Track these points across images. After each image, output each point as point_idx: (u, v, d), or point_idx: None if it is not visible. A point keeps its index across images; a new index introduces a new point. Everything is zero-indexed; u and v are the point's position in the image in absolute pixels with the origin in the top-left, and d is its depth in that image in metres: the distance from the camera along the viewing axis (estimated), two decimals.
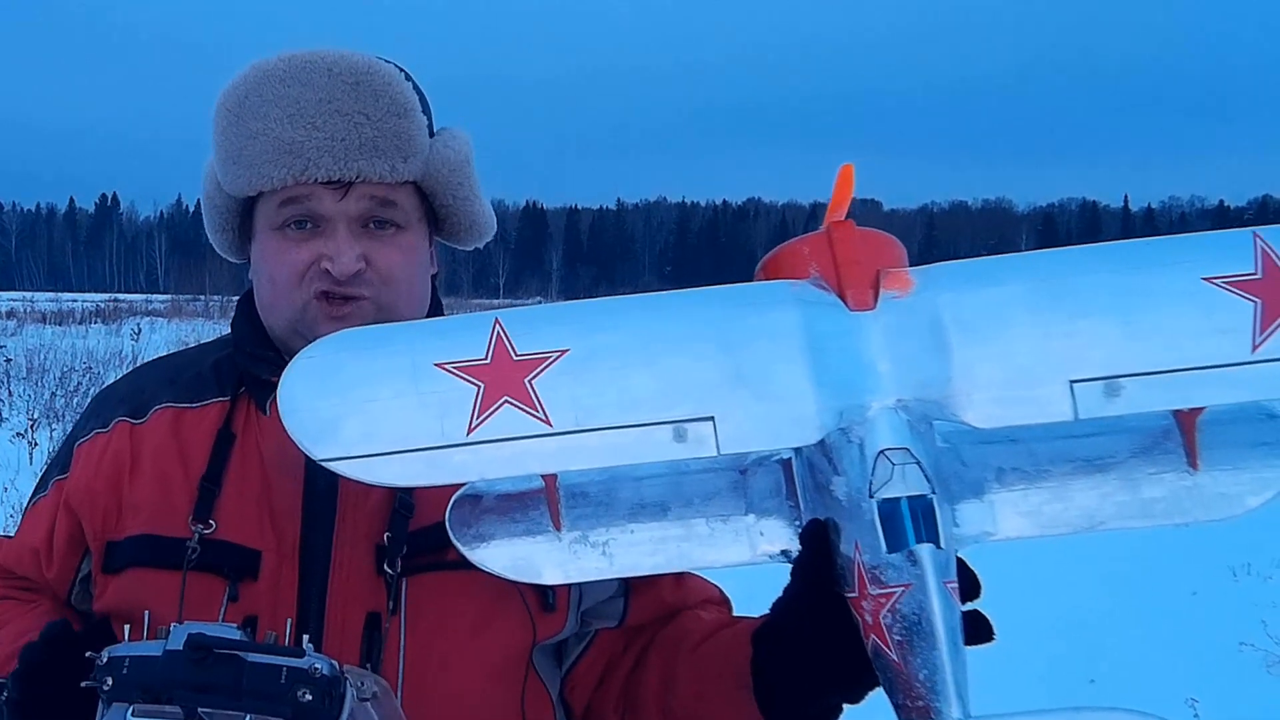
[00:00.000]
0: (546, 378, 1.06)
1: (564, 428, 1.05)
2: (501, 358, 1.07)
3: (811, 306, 1.08)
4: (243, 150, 1.28)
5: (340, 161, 1.26)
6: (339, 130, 1.26)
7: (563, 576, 1.10)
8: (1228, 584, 6.77)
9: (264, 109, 1.27)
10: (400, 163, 1.29)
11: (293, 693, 1.03)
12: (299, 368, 1.09)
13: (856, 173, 1.18)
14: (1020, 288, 1.07)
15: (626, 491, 1.11)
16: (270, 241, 1.32)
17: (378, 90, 1.29)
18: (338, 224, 1.29)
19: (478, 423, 1.05)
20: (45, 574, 1.39)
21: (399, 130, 1.29)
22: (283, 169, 1.26)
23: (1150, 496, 1.07)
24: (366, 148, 1.27)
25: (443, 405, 1.05)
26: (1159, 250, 1.09)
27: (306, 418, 1.06)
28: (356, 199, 1.28)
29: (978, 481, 1.07)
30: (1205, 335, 1.03)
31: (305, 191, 1.28)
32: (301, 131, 1.26)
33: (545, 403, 1.05)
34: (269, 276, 1.33)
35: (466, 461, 1.04)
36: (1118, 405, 1.03)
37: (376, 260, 1.30)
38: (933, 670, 0.93)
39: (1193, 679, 4.96)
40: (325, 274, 1.28)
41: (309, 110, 1.26)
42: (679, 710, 1.30)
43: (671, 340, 1.08)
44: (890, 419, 1.02)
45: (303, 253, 1.29)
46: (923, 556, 0.95)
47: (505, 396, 1.05)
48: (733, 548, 1.10)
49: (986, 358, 1.05)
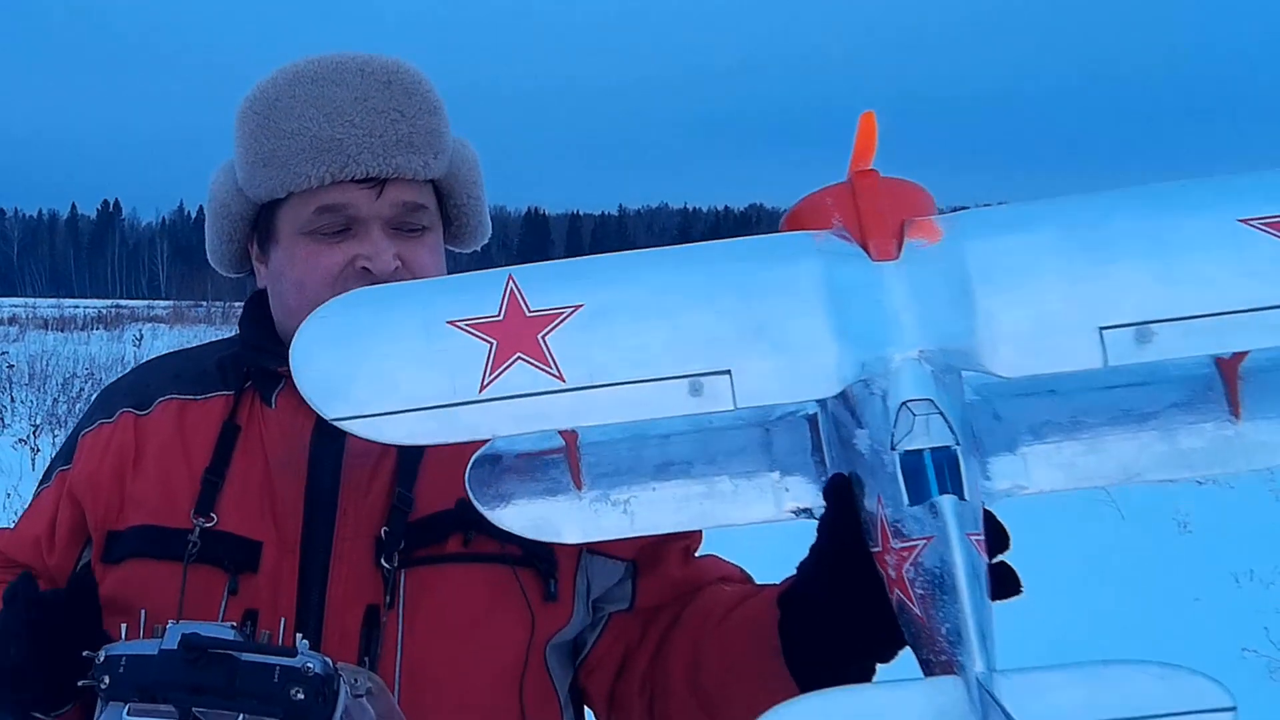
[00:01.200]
0: (560, 333, 1.04)
1: (577, 383, 1.03)
2: (515, 314, 1.05)
3: (833, 257, 1.06)
4: (275, 151, 1.29)
5: (379, 158, 1.27)
6: (376, 127, 1.28)
7: (582, 535, 1.08)
8: (1230, 590, 6.75)
9: (298, 109, 1.28)
10: (432, 159, 1.32)
11: (286, 692, 1.04)
12: (312, 326, 1.08)
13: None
14: (1048, 234, 1.05)
15: (649, 450, 1.09)
16: (299, 246, 1.32)
17: (409, 88, 1.31)
18: (372, 225, 1.30)
19: (490, 379, 1.03)
20: (46, 561, 1.39)
21: (431, 127, 1.32)
22: (320, 167, 1.27)
23: (1189, 447, 1.04)
24: (403, 144, 1.29)
25: (455, 362, 1.03)
26: (1192, 192, 1.06)
27: (318, 376, 1.05)
28: (390, 201, 1.30)
29: (1011, 434, 1.05)
30: (1241, 278, 1.00)
31: (340, 197, 1.28)
32: (341, 129, 1.27)
33: (559, 358, 1.03)
34: (296, 281, 1.32)
35: (478, 419, 1.02)
36: (1150, 352, 0.99)
37: (411, 260, 1.31)
38: (956, 624, 0.90)
39: None
40: (363, 273, 1.28)
41: (346, 108, 1.28)
42: (711, 686, 1.28)
43: (688, 294, 1.06)
44: (913, 370, 1.00)
45: (336, 255, 1.30)
46: (944, 508, 0.93)
47: (518, 353, 1.04)
48: (757, 505, 1.07)
49: (1012, 305, 1.02)
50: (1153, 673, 0.86)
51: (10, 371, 13.90)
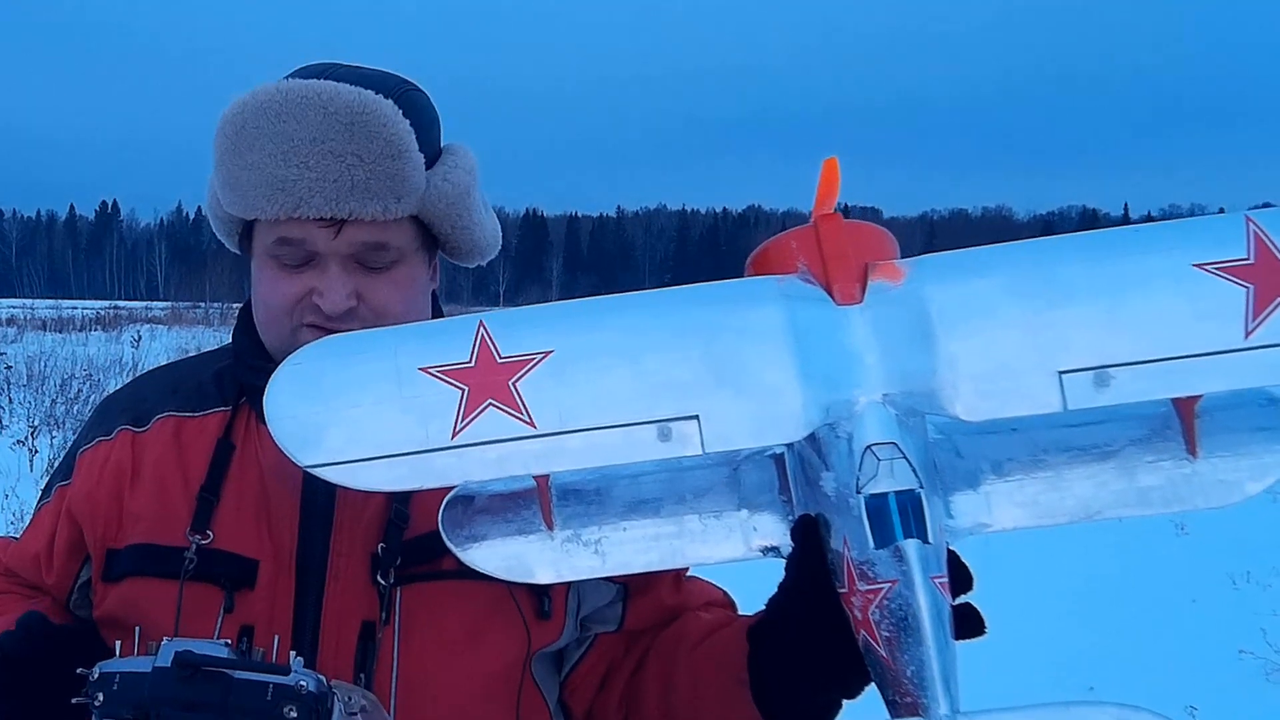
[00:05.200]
0: (530, 379, 1.06)
1: (548, 429, 1.05)
2: (486, 360, 1.07)
3: (796, 301, 1.08)
4: (238, 179, 1.28)
5: (332, 202, 1.24)
6: (331, 171, 1.24)
7: (555, 575, 1.09)
8: (1227, 591, 6.76)
9: (259, 142, 1.26)
10: (393, 203, 1.27)
11: (279, 710, 1.04)
12: (284, 375, 1.10)
13: (859, 179, 1.20)
14: (1005, 278, 1.06)
15: (619, 489, 1.11)
16: (265, 269, 1.32)
17: (372, 131, 1.25)
18: (329, 261, 1.28)
19: (462, 426, 1.05)
20: (45, 579, 1.40)
21: (392, 172, 1.26)
22: (274, 205, 1.25)
23: (1148, 484, 1.05)
24: (359, 189, 1.24)
25: (427, 409, 1.05)
26: (1148, 237, 1.08)
27: (291, 424, 1.07)
28: (348, 239, 1.27)
29: (973, 472, 1.06)
30: (1196, 322, 1.02)
31: (299, 232, 1.27)
32: (294, 170, 1.24)
33: (529, 405, 1.05)
34: (263, 300, 1.33)
35: (451, 465, 1.05)
36: (1108, 395, 1.02)
37: (370, 297, 1.29)
38: (920, 666, 0.92)
39: (1192, 686, 4.96)
40: (316, 308, 1.28)
41: (301, 149, 1.24)
42: (679, 710, 1.30)
43: (656, 339, 1.08)
44: (877, 413, 1.01)
45: (294, 285, 1.29)
46: (909, 552, 0.95)
47: (489, 399, 1.05)
48: (725, 544, 1.09)
49: (972, 350, 1.04)
50: (1111, 714, 0.89)
51: (8, 372, 13.88)
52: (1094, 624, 6.02)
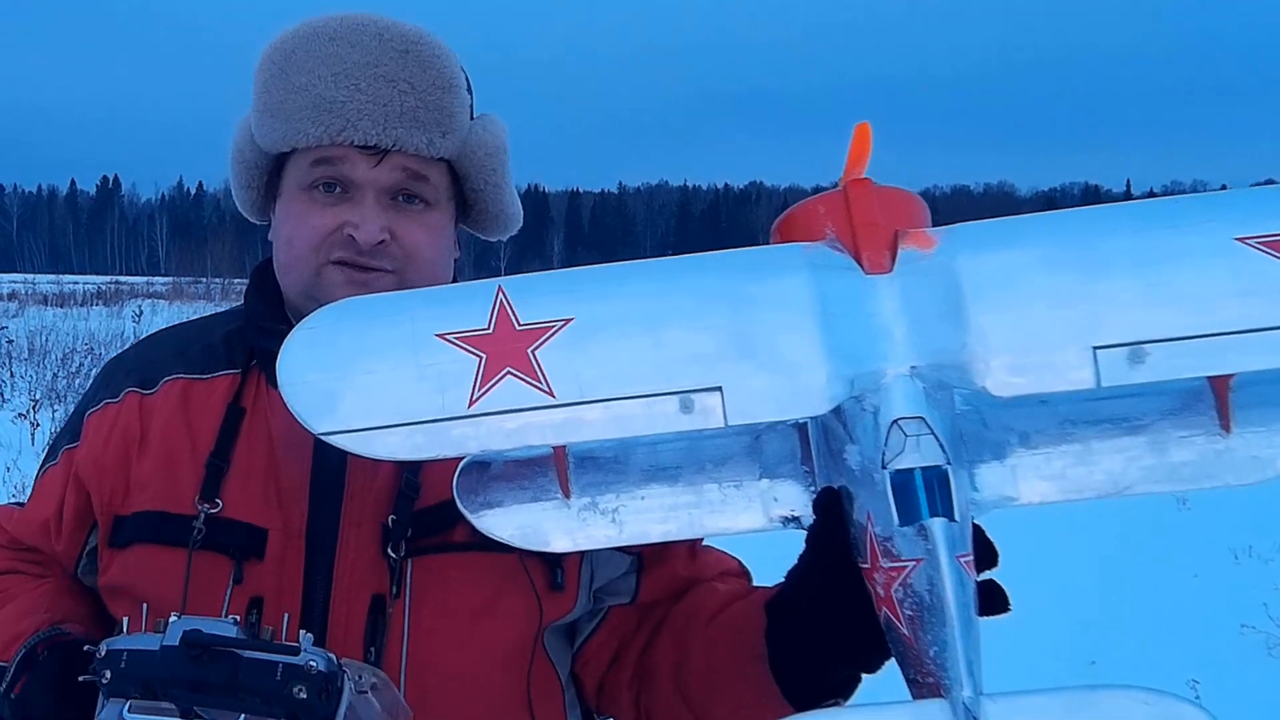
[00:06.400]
0: (550, 348, 1.03)
1: (567, 399, 1.02)
2: (504, 327, 1.04)
3: (824, 270, 1.05)
4: (282, 104, 1.27)
5: (379, 127, 1.24)
6: (382, 95, 1.25)
7: (570, 544, 1.07)
8: (1229, 566, 6.77)
9: (309, 65, 1.26)
10: (439, 137, 1.28)
11: (288, 690, 1.03)
12: (298, 339, 1.07)
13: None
14: (1041, 250, 1.03)
15: (637, 457, 1.08)
16: (296, 203, 1.30)
17: (425, 61, 1.27)
18: (367, 192, 1.27)
19: (479, 395, 1.02)
20: (54, 546, 1.38)
21: (442, 104, 1.27)
22: (320, 127, 1.25)
23: (1178, 460, 1.02)
24: (407, 117, 1.25)
25: (443, 377, 1.03)
26: (1189, 209, 1.04)
27: (305, 391, 1.04)
28: (390, 168, 1.27)
29: (999, 444, 1.03)
30: (1237, 298, 0.98)
31: (339, 154, 1.26)
32: (344, 91, 1.24)
33: (548, 374, 1.02)
34: (287, 238, 1.31)
35: (467, 434, 1.02)
36: (1143, 372, 0.98)
37: (401, 234, 1.28)
38: (943, 647, 0.90)
39: (1194, 661, 4.96)
40: (349, 241, 1.27)
41: (354, 71, 1.25)
42: (694, 685, 1.28)
43: (679, 309, 1.05)
44: (905, 387, 0.98)
45: (327, 218, 1.28)
46: (935, 531, 0.92)
47: (507, 367, 1.03)
48: (745, 514, 1.06)
49: (1004, 323, 1.01)
50: (1138, 697, 0.86)
51: (10, 347, 13.90)
52: (1095, 599, 6.03)
